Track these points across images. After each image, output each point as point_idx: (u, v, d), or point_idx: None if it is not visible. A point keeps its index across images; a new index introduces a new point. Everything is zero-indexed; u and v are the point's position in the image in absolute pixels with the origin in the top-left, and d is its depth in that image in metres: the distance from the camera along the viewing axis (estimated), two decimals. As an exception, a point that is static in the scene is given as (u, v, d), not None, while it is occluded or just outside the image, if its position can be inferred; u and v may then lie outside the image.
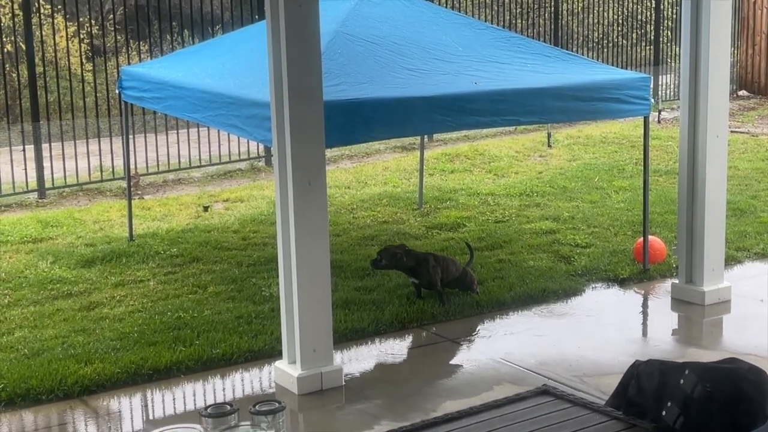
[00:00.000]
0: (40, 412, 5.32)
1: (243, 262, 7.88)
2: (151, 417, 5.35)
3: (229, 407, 3.84)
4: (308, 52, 5.23)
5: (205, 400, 5.48)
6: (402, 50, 6.81)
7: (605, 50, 16.36)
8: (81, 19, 13.70)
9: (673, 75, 16.42)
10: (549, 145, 12.89)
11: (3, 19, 12.47)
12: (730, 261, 7.64)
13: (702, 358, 5.17)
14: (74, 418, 5.25)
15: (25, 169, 10.70)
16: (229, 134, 10.52)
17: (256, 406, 3.85)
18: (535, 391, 3.92)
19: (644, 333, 6.68)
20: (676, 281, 7.05)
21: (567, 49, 12.73)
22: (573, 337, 6.31)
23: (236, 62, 7.21)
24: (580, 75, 6.93)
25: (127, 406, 5.43)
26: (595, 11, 16.35)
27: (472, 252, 7.33)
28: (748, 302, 6.91)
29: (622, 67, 14.78)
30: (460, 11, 13.30)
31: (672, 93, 16.19)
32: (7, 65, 11.40)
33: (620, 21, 16.76)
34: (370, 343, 6.30)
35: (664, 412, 3.49)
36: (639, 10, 16.82)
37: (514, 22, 15.12)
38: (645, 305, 7.14)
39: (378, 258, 6.93)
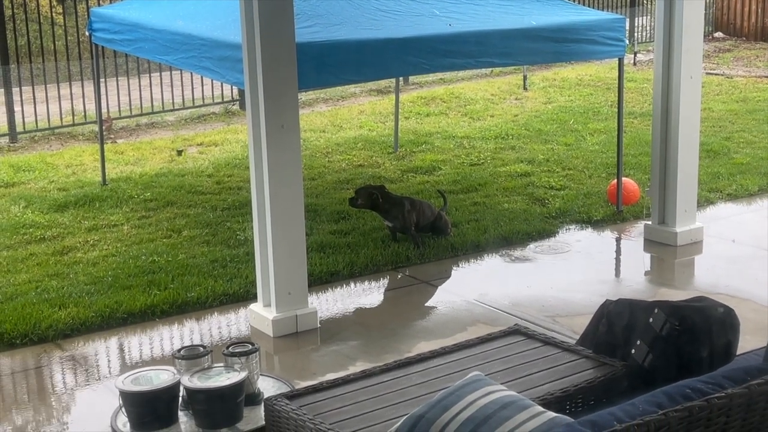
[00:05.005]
0: (15, 356, 5.33)
1: (217, 206, 7.86)
2: (126, 360, 5.36)
3: (202, 349, 3.86)
4: (280, -7, 5.16)
5: (182, 343, 5.49)
6: (376, -9, 6.73)
7: (582, -9, 16.23)
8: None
9: (649, 17, 16.36)
10: (525, 88, 12.86)
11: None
12: (703, 202, 7.70)
13: (673, 298, 5.20)
14: (50, 362, 5.26)
15: (-4, 113, 10.59)
16: (202, 77, 10.42)
17: (230, 348, 3.87)
18: (507, 331, 3.95)
19: (617, 274, 6.74)
20: (649, 222, 7.10)
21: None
22: (546, 278, 6.35)
23: (208, 3, 7.11)
24: (554, 16, 6.89)
25: (102, 350, 5.44)
26: (572, -48, 16.21)
27: (445, 198, 7.36)
28: (719, 243, 6.98)
29: (599, 9, 14.69)
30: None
31: (648, 35, 16.14)
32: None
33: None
34: (345, 285, 6.32)
35: (633, 351, 3.53)
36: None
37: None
38: (618, 246, 7.19)
39: (355, 196, 6.95)
